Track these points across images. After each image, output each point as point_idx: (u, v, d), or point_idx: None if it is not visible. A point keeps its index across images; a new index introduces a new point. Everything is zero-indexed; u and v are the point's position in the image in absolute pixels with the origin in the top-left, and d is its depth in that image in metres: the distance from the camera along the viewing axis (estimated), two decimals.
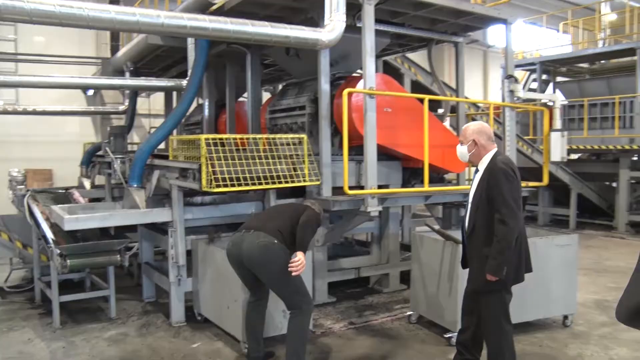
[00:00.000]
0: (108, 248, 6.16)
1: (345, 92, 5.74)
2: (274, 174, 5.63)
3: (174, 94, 11.43)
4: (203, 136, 5.39)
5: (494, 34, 22.27)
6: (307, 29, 5.76)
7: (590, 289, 7.78)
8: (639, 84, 13.07)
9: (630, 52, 13.70)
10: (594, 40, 17.85)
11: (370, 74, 6.01)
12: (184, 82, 7.55)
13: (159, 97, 14.13)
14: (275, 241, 4.58)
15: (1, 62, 13.72)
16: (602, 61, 15.90)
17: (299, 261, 4.48)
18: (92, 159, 9.73)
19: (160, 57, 9.78)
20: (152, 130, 11.26)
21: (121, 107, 11.92)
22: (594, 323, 6.30)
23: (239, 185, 5.38)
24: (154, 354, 5.36)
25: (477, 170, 4.46)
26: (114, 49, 12.91)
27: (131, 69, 9.90)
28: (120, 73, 10.33)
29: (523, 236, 4.36)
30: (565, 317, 6.12)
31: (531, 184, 7.89)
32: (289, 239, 4.66)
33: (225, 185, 5.32)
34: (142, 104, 14.61)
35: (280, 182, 5.62)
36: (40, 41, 14.26)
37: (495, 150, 4.40)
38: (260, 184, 5.50)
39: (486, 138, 4.38)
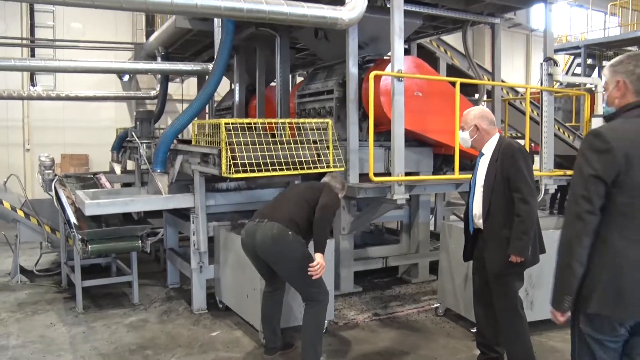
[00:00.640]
0: (130, 234, 6.10)
1: (372, 74, 5.50)
2: (297, 159, 5.43)
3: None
4: (223, 120, 5.23)
5: (538, 17, 21.57)
6: (327, 7, 5.54)
7: None
8: None
9: None
10: None
11: (398, 56, 5.75)
12: (211, 66, 7.41)
13: (193, 82, 14.14)
14: (290, 232, 4.40)
15: (40, 49, 13.94)
16: None
17: (318, 265, 4.33)
18: (122, 144, 9.73)
19: (191, 41, 9.68)
20: None
21: (153, 92, 11.92)
22: None
23: (259, 171, 5.22)
24: (172, 342, 5.28)
25: (481, 154, 4.38)
26: (149, 35, 12.91)
27: (162, 53, 9.84)
28: (152, 58, 10.29)
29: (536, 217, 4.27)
30: None
31: (569, 172, 7.51)
32: (305, 227, 4.49)
33: (245, 171, 5.16)
34: (176, 90, 14.65)
35: (303, 168, 5.43)
36: (77, 27, 14.40)
37: (498, 134, 4.37)
38: (282, 170, 5.32)
39: (488, 122, 4.35)
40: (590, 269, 2.59)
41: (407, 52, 8.53)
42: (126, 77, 14.75)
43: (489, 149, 4.31)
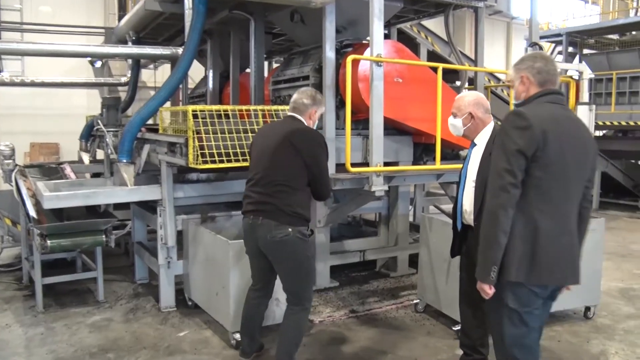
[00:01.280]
0: (93, 228, 5.74)
1: (349, 59, 5.20)
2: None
3: None
4: (190, 107, 4.90)
5: (518, 5, 21.40)
6: None
7: (614, 276, 7.23)
8: None
9: None
10: (626, 9, 16.93)
11: (377, 40, 5.44)
12: (181, 50, 7.04)
13: (167, 69, 13.67)
14: (290, 229, 3.95)
15: (6, 32, 13.38)
16: (634, 32, 15.03)
17: None
18: (91, 132, 9.31)
19: (163, 25, 9.26)
20: None
21: (123, 79, 11.47)
22: (619, 315, 5.77)
23: (229, 161, 4.90)
24: (136, 343, 4.96)
25: (473, 145, 4.05)
26: (121, 19, 12.44)
27: (133, 38, 9.40)
28: (124, 43, 9.86)
29: None
30: (588, 308, 5.60)
31: None
32: (302, 204, 4.01)
33: (214, 162, 4.84)
34: (149, 77, 14.20)
35: None
36: (46, 11, 13.87)
37: (492, 122, 4.05)
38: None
39: (483, 111, 4.01)
40: (510, 240, 2.84)
41: (387, 37, 8.22)
42: (98, 64, 14.20)
43: (482, 139, 3.97)
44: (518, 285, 2.88)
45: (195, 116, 4.87)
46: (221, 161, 4.86)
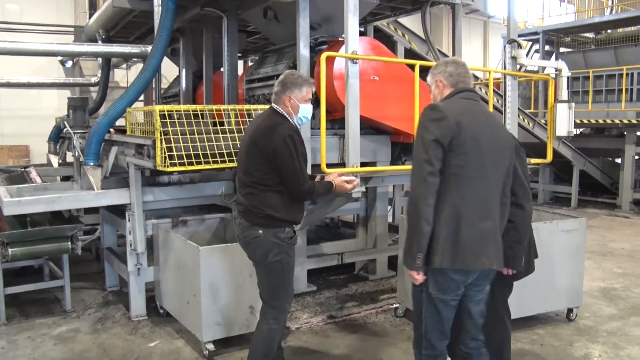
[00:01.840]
0: (58, 234, 5.49)
1: (323, 56, 5.01)
2: (234, 150, 4.90)
3: None
4: (157, 107, 4.68)
5: (495, 4, 21.42)
6: None
7: (595, 275, 7.15)
8: None
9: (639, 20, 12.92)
10: (601, 8, 17.00)
11: (353, 36, 5.25)
12: (150, 49, 6.80)
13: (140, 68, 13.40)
14: (261, 231, 3.73)
15: None
16: (609, 30, 15.08)
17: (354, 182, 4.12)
18: (60, 134, 9.01)
19: (134, 24, 9.01)
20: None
21: (93, 79, 11.18)
22: (601, 316, 5.67)
23: (199, 163, 4.69)
24: (104, 355, 4.72)
25: None
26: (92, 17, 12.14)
27: (103, 37, 9.13)
28: (94, 42, 9.57)
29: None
30: (570, 310, 5.49)
31: (533, 160, 7.17)
32: (274, 205, 3.72)
33: (182, 164, 4.62)
34: (122, 77, 13.91)
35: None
36: (14, 9, 13.48)
37: None
38: (223, 161, 4.79)
39: None
40: (434, 227, 2.96)
41: (363, 35, 8.07)
42: (69, 63, 13.85)
43: None
44: (441, 273, 3.00)
45: (162, 116, 4.64)
46: (190, 163, 4.64)
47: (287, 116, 3.82)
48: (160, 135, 4.58)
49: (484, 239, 3.01)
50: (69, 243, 5.50)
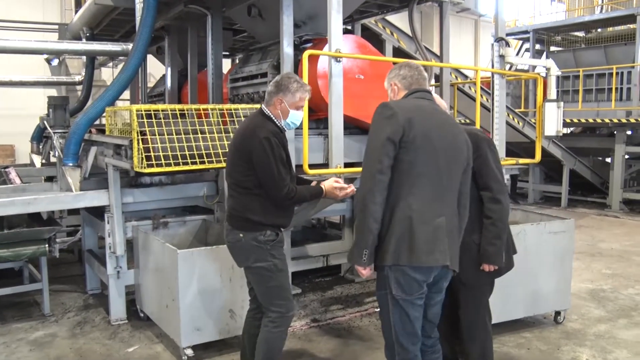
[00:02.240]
0: (35, 237, 5.36)
1: (306, 54, 4.90)
2: (220, 150, 4.79)
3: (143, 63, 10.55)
4: (134, 107, 4.56)
5: (486, 2, 21.34)
6: None
7: (584, 276, 7.08)
8: (637, 53, 12.28)
9: (630, 19, 12.90)
10: (591, 6, 16.96)
11: (336, 33, 5.14)
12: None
13: None
14: (241, 235, 3.62)
15: None
16: (599, 29, 15.04)
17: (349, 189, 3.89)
18: (43, 133, 8.86)
19: (118, 21, 8.89)
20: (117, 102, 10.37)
21: (77, 78, 11.02)
22: (590, 318, 5.59)
23: (177, 164, 4.56)
24: None
25: None
26: None
27: (87, 35, 8.98)
28: (78, 39, 9.42)
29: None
30: (558, 313, 5.40)
31: (522, 160, 7.10)
32: (253, 209, 3.59)
33: (160, 165, 4.50)
34: (109, 76, 13.72)
35: (224, 160, 4.75)
36: None
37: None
38: (202, 162, 4.67)
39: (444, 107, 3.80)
40: (387, 224, 2.96)
41: (350, 33, 7.97)
42: (55, 62, 13.72)
43: None
44: (401, 273, 2.96)
45: (139, 116, 4.52)
46: (168, 164, 4.52)
47: (274, 118, 3.69)
48: (138, 136, 4.46)
49: (437, 236, 2.98)
50: (46, 246, 5.37)
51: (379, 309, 3.24)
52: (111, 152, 5.22)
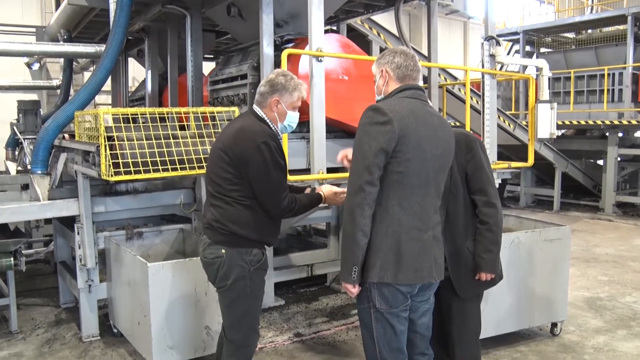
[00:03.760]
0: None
1: (285, 53, 4.63)
2: (194, 156, 4.49)
3: (121, 66, 10.24)
4: (101, 110, 4.26)
5: (475, 5, 21.21)
6: None
7: (579, 284, 6.83)
8: (629, 54, 12.09)
9: (621, 19, 12.70)
10: (581, 7, 16.81)
11: (317, 32, 4.88)
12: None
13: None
14: (223, 251, 3.24)
15: None
16: (589, 30, 14.86)
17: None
18: (19, 140, 8.54)
19: (96, 24, 8.61)
20: (100, 106, 10.04)
21: (55, 82, 10.71)
22: (587, 329, 5.33)
23: (147, 171, 4.26)
24: None
25: None
26: None
27: (65, 37, 8.68)
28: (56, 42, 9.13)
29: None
30: (554, 324, 5.13)
31: (514, 164, 6.86)
32: (240, 222, 3.23)
33: (129, 172, 4.20)
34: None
35: (202, 167, 4.46)
36: None
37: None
38: (175, 169, 4.38)
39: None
40: (374, 239, 2.77)
41: (335, 33, 7.71)
42: (36, 66, 13.42)
43: None
44: (384, 285, 2.80)
45: (109, 120, 4.22)
46: (138, 172, 4.22)
47: (269, 121, 3.33)
48: (105, 141, 4.16)
49: (425, 251, 2.83)
50: (12, 259, 5.05)
51: (360, 320, 3.02)
52: (80, 159, 4.92)
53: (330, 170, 5.02)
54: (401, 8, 7.04)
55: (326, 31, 5.37)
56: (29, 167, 5.40)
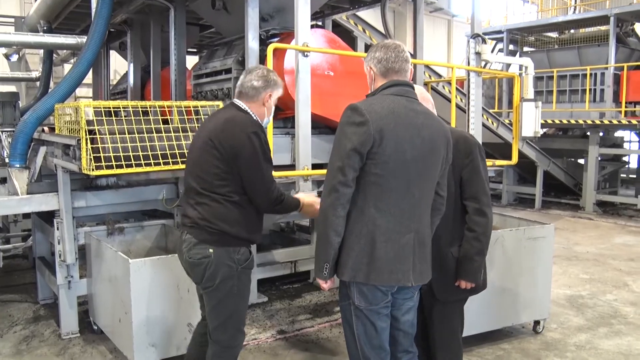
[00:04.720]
0: None
1: (270, 47, 4.59)
2: (177, 151, 4.42)
3: (103, 58, 10.09)
4: (82, 103, 4.18)
5: (458, 3, 21.27)
6: None
7: (561, 282, 6.87)
8: (611, 54, 12.20)
9: (603, 19, 12.81)
10: (564, 7, 16.92)
11: (303, 26, 4.84)
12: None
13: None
14: (211, 250, 3.15)
15: None
16: (572, 30, 14.98)
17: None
18: None
19: (77, 14, 8.46)
20: (81, 99, 9.89)
21: (35, 74, 10.53)
22: (569, 327, 5.36)
23: (129, 166, 4.19)
24: None
25: None
26: None
27: (44, 28, 8.53)
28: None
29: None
30: (537, 322, 5.15)
31: (499, 162, 6.89)
32: (229, 219, 3.16)
33: (110, 167, 4.12)
34: None
35: (183, 162, 4.38)
36: None
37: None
38: (157, 164, 4.30)
39: (431, 107, 3.41)
40: (348, 238, 2.75)
41: (320, 28, 7.67)
42: (14, 57, 13.21)
43: None
44: (362, 283, 2.78)
45: (90, 113, 4.14)
46: (119, 166, 4.14)
47: (253, 114, 3.26)
48: (86, 135, 4.08)
49: (403, 254, 2.77)
50: None
51: (342, 318, 2.99)
52: (60, 153, 4.82)
53: (315, 166, 5.00)
54: (387, 4, 7.00)
55: (312, 26, 5.32)
56: (7, 160, 5.28)
